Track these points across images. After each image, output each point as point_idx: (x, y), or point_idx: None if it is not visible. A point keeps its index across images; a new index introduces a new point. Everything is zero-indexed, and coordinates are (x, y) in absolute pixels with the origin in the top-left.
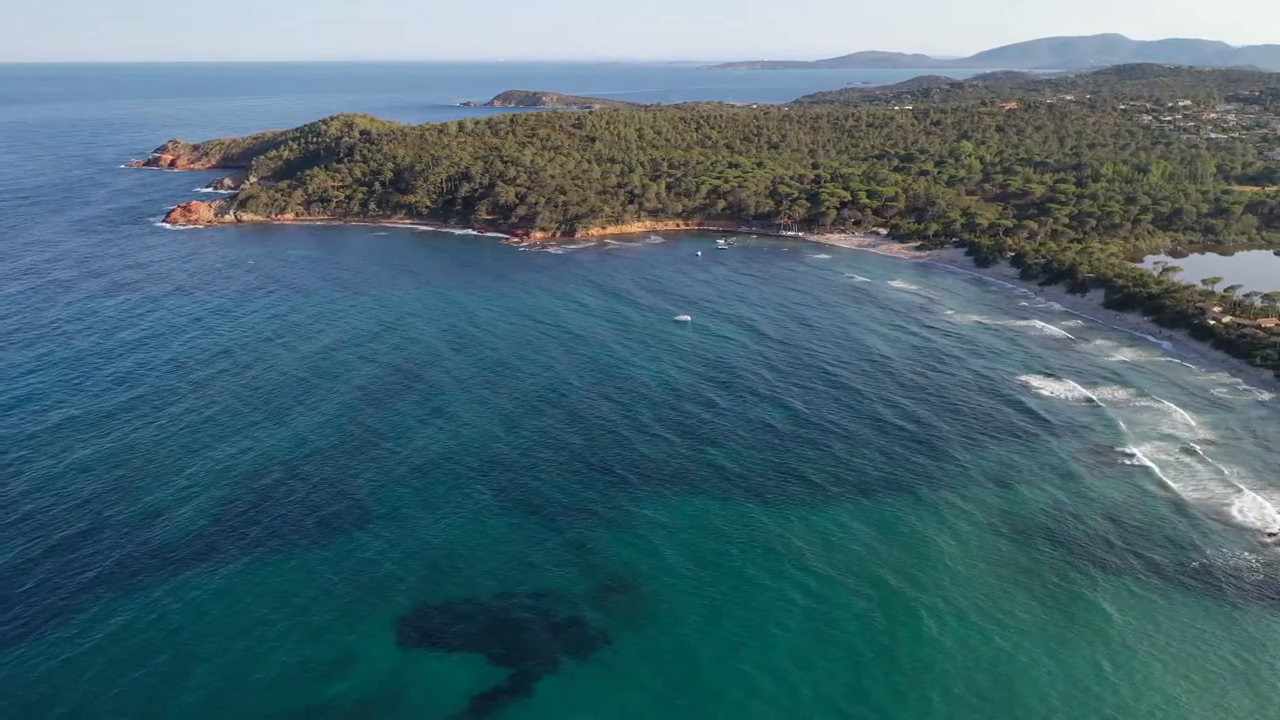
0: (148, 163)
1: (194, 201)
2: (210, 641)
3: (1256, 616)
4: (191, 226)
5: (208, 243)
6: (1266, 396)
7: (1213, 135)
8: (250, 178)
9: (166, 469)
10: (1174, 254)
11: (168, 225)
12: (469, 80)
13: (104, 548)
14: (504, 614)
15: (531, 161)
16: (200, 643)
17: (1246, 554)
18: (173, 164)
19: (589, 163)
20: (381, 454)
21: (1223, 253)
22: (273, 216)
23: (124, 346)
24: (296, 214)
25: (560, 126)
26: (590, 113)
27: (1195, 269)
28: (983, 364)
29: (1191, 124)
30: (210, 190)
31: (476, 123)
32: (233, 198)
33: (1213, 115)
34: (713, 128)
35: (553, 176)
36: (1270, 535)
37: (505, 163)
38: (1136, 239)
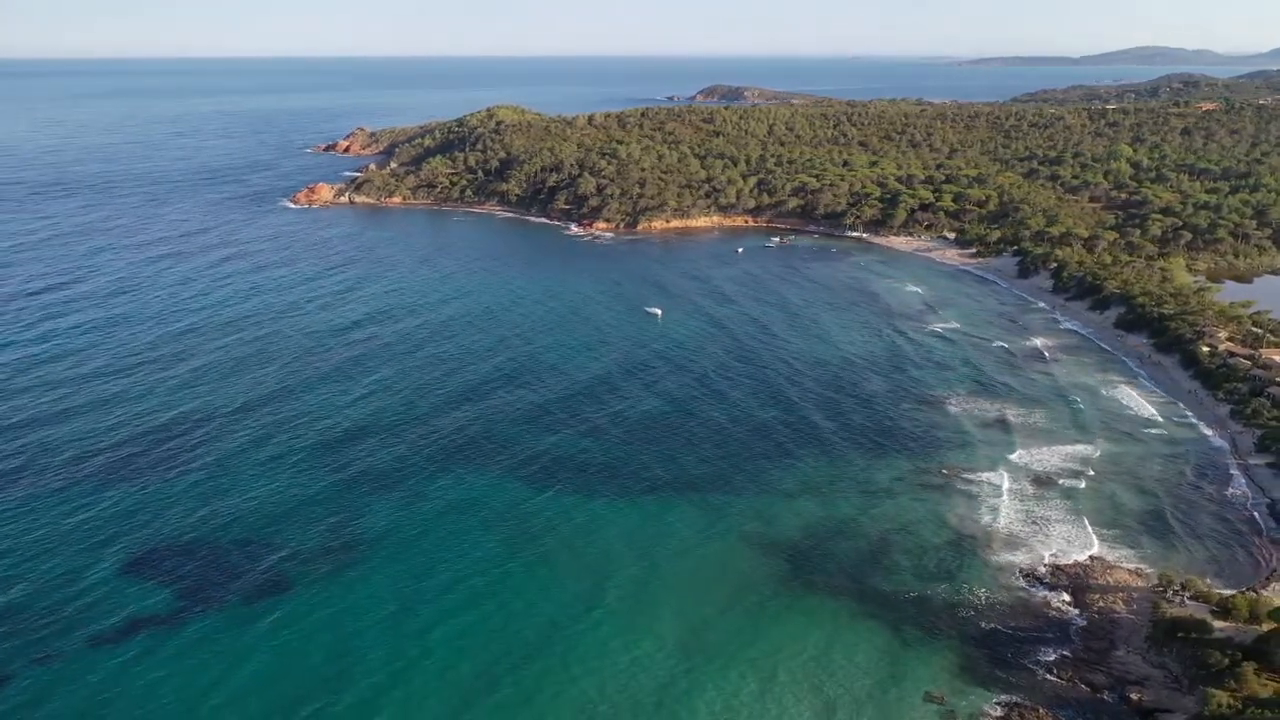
0: (327, 148)
1: (319, 184)
2: None
3: (926, 653)
4: (309, 206)
5: (309, 222)
6: (1202, 434)
7: None
8: (391, 163)
9: (85, 414)
10: None
11: (290, 204)
12: (696, 75)
13: None
14: (226, 558)
15: (627, 155)
16: None
17: (983, 591)
18: (347, 149)
19: (693, 158)
20: (263, 414)
21: None
22: (382, 200)
23: (148, 301)
24: (404, 198)
25: (690, 122)
26: (725, 108)
27: None
28: (920, 374)
29: None
30: (353, 174)
31: (606, 116)
32: (351, 180)
33: None
34: (852, 124)
35: (642, 170)
36: (1027, 577)
37: (600, 155)
38: (1237, 256)
